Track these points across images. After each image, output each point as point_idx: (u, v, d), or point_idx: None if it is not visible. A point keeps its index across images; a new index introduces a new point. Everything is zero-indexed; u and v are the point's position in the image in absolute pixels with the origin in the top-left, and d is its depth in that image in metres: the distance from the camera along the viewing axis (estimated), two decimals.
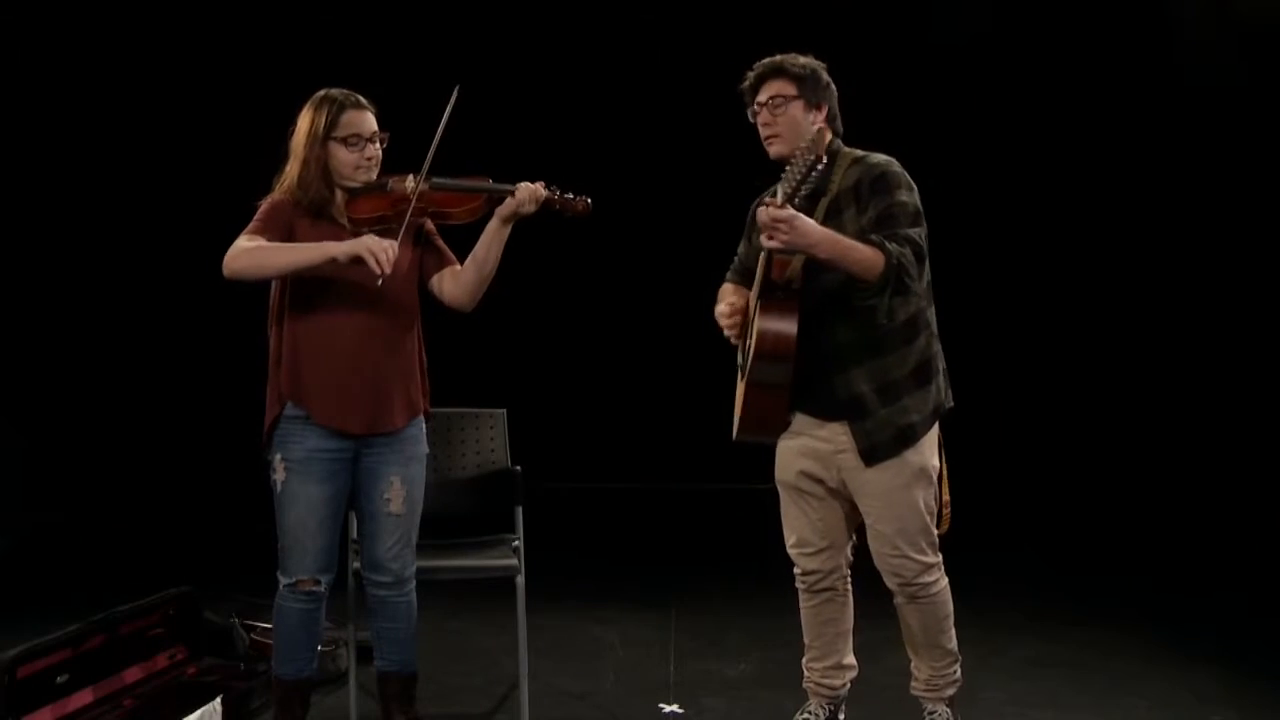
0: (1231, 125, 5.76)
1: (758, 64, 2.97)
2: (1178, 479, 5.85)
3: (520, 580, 3.33)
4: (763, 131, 2.93)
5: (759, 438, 3.04)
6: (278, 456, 2.92)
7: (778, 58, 2.95)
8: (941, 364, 2.96)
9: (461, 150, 2.93)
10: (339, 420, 2.89)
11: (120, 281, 6.03)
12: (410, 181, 2.90)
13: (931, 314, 2.94)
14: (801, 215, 2.63)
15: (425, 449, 3.07)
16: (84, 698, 3.20)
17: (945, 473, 2.96)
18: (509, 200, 2.89)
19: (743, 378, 3.00)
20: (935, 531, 2.93)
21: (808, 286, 2.80)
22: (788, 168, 2.61)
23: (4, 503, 5.45)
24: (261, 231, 2.86)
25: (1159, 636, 4.15)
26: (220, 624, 3.73)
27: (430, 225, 3.04)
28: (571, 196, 2.93)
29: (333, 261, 2.78)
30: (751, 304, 3.01)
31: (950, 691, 3.05)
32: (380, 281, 2.75)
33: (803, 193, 2.60)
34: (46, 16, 5.64)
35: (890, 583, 2.96)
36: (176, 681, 3.48)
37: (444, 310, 3.07)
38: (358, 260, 2.75)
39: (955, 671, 3.05)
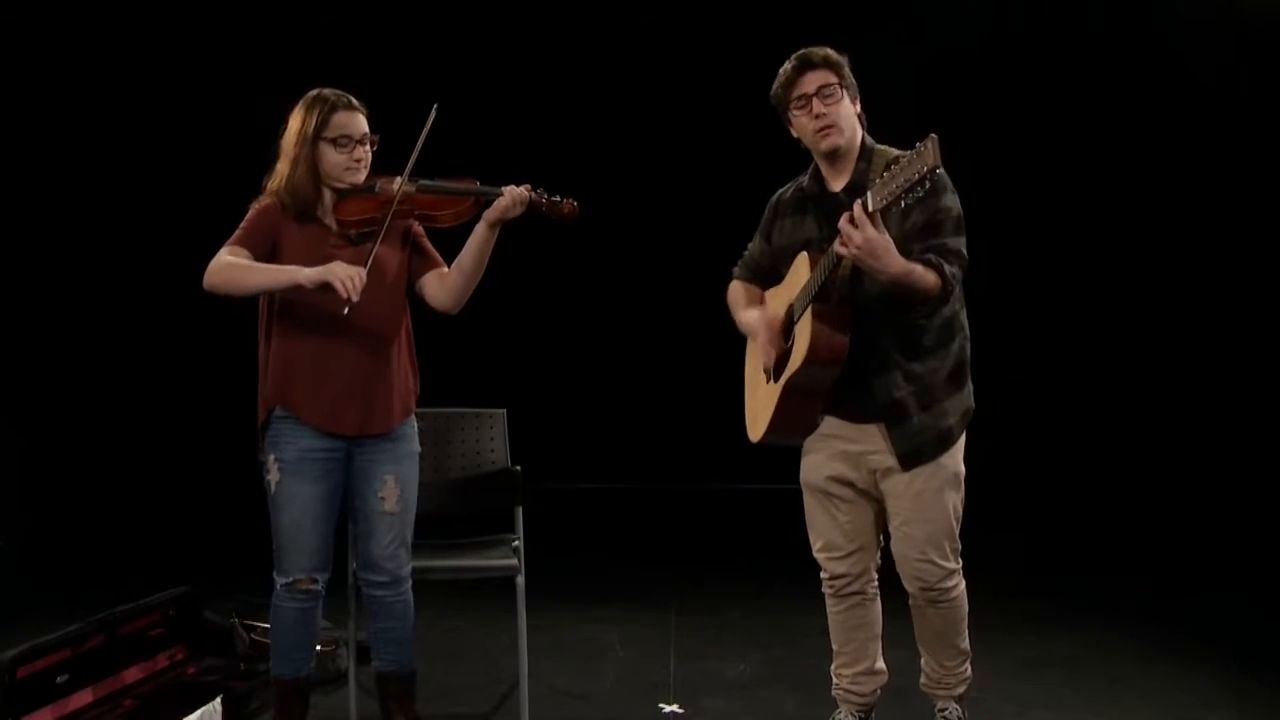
0: (1231, 127, 5.76)
1: (792, 58, 2.83)
2: (1178, 478, 5.84)
3: (520, 580, 3.33)
4: (816, 124, 2.79)
5: (786, 440, 3.01)
6: (271, 457, 2.92)
7: (812, 49, 2.82)
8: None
9: (454, 153, 2.93)
10: (330, 423, 2.89)
11: (120, 282, 6.03)
12: (396, 183, 2.89)
13: (964, 316, 2.90)
14: (884, 238, 2.55)
15: (417, 447, 3.08)
16: (84, 698, 3.20)
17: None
18: (495, 204, 2.88)
19: (771, 381, 2.96)
20: (958, 537, 2.91)
21: (851, 290, 2.77)
22: (886, 174, 2.46)
23: (4, 503, 5.45)
24: (243, 241, 2.86)
25: (1159, 636, 4.15)
26: (220, 624, 3.73)
27: (418, 227, 3.03)
28: (558, 199, 2.91)
29: (299, 287, 2.77)
30: (779, 305, 2.97)
31: (960, 689, 3.05)
32: (346, 310, 2.74)
33: (905, 203, 2.45)
34: (46, 17, 5.64)
35: (911, 586, 2.94)
36: (176, 681, 3.48)
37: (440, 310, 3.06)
38: (326, 287, 2.74)
39: (966, 669, 3.04)
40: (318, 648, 3.14)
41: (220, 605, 3.80)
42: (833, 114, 2.79)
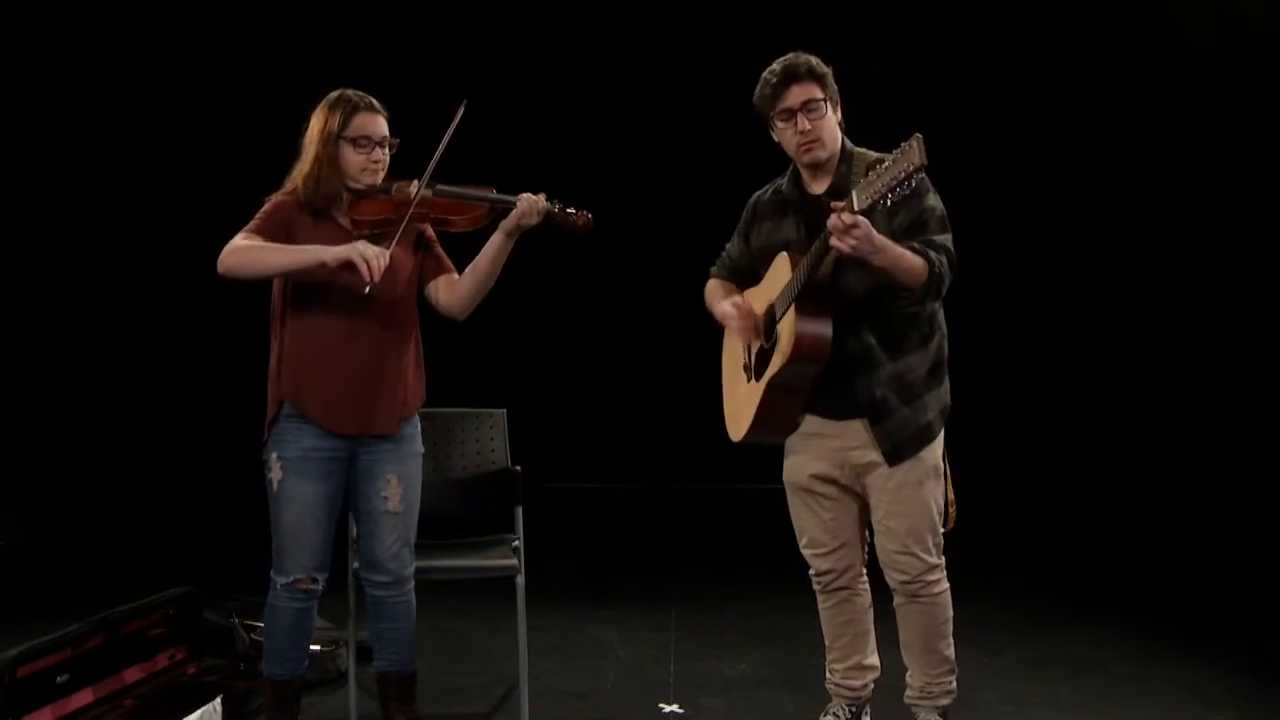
0: (1229, 133, 5.76)
1: (774, 70, 2.86)
2: (1177, 477, 5.85)
3: (520, 580, 3.33)
4: (801, 139, 2.83)
5: (768, 439, 3.03)
6: (274, 455, 2.92)
7: (798, 59, 2.84)
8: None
9: (466, 159, 2.93)
10: (338, 422, 2.90)
11: (120, 282, 6.03)
12: (414, 186, 2.90)
13: (942, 315, 2.94)
14: (868, 222, 2.57)
15: (420, 448, 3.08)
16: (84, 698, 3.19)
17: (949, 471, 2.96)
18: (512, 213, 2.90)
19: (751, 379, 2.98)
20: (941, 532, 2.93)
21: (833, 288, 2.79)
22: (873, 172, 2.50)
23: (4, 503, 5.45)
24: (259, 231, 2.88)
25: (1159, 636, 4.15)
26: (220, 624, 3.73)
27: (430, 231, 3.05)
28: (573, 211, 2.93)
29: (323, 265, 2.79)
30: (758, 305, 2.98)
31: (944, 701, 3.02)
32: (368, 289, 2.76)
33: (890, 200, 2.48)
34: (48, 16, 5.64)
35: (892, 580, 2.94)
36: (176, 681, 3.47)
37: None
38: (349, 265, 2.76)
39: (951, 681, 3.02)
40: (317, 647, 3.13)
41: (220, 605, 3.80)
42: (817, 129, 2.83)
